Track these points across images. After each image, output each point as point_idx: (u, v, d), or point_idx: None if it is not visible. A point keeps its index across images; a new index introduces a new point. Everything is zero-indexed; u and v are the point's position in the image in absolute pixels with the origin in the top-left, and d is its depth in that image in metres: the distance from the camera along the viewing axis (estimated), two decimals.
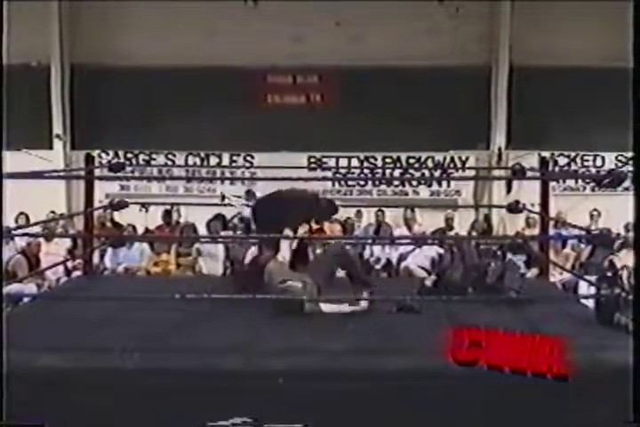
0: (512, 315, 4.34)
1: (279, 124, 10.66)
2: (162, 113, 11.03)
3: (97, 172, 6.77)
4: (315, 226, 5.17)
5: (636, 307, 3.15)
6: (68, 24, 11.12)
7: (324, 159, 11.21)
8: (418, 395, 3.34)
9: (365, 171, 11.26)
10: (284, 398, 3.35)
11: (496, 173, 11.14)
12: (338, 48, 10.87)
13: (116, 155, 11.13)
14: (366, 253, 9.62)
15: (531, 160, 9.46)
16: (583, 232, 7.74)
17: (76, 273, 8.21)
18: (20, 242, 8.75)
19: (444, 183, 11.15)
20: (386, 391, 3.36)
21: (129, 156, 11.21)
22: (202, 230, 9.56)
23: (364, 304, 4.18)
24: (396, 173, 11.36)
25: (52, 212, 10.23)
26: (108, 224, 9.84)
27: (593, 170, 11.08)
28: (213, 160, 11.18)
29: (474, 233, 10.07)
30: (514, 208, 6.27)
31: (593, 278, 8.27)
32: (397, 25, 10.88)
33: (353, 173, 11.28)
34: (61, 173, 10.01)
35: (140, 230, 9.88)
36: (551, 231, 8.17)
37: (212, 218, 9.51)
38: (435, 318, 4.23)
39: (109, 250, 9.03)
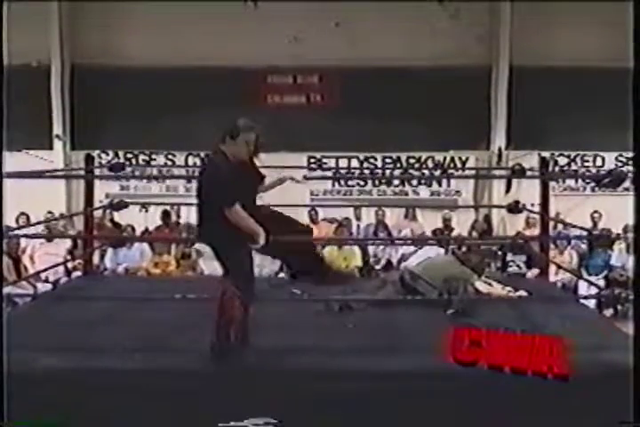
0: (514, 315, 4.35)
1: (279, 124, 10.63)
2: (162, 113, 11.01)
3: (97, 172, 6.78)
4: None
5: (636, 306, 3.15)
6: (68, 24, 11.10)
7: (324, 159, 11.21)
8: (418, 395, 3.34)
9: (365, 171, 11.26)
10: (284, 397, 3.35)
11: (496, 173, 11.14)
12: (338, 48, 10.86)
13: (116, 155, 11.12)
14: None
15: (531, 160, 9.45)
16: (584, 232, 7.77)
17: (76, 273, 8.21)
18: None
19: (444, 183, 11.15)
20: (386, 391, 3.36)
21: (129, 156, 11.20)
22: None
23: None
24: (396, 173, 11.36)
25: (50, 212, 10.22)
26: (108, 224, 9.83)
27: (593, 170, 11.07)
28: None
29: (474, 233, 10.07)
30: (514, 208, 6.28)
31: (593, 278, 8.33)
32: (397, 25, 10.87)
33: (353, 173, 11.28)
34: (61, 173, 10.01)
35: (140, 231, 9.87)
36: (552, 231, 8.18)
37: None
38: (435, 318, 4.23)
39: (109, 250, 9.03)
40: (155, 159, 11.23)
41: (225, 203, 3.50)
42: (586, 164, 11.25)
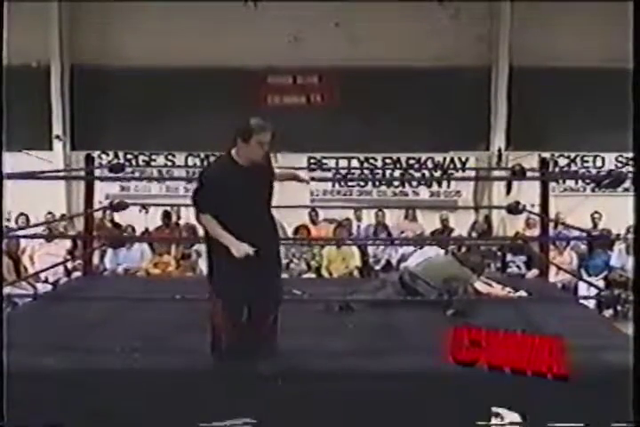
0: (514, 315, 4.35)
1: (279, 124, 10.55)
2: (162, 113, 11.00)
3: (97, 172, 6.78)
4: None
5: (635, 307, 3.15)
6: (68, 24, 11.09)
7: (324, 160, 11.21)
8: (418, 395, 3.34)
9: (365, 171, 11.26)
10: (284, 398, 3.35)
11: (496, 173, 11.14)
12: (338, 48, 10.85)
13: (116, 155, 11.12)
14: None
15: (531, 161, 9.44)
16: (583, 233, 7.76)
17: (76, 274, 8.21)
18: None
19: (444, 184, 11.14)
20: (386, 391, 3.36)
21: (129, 156, 11.19)
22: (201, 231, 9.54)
23: None
24: (396, 173, 11.36)
25: (50, 213, 10.22)
26: (109, 225, 9.82)
27: (593, 171, 11.07)
28: None
29: (474, 234, 10.07)
30: (514, 209, 6.28)
31: (593, 279, 8.33)
32: (397, 26, 10.86)
33: (353, 173, 11.29)
34: (61, 174, 10.00)
35: (140, 231, 9.87)
36: (552, 232, 8.17)
37: None
38: (435, 318, 4.23)
39: (109, 251, 9.02)
40: (155, 160, 11.23)
41: (198, 209, 3.45)
42: (586, 164, 11.25)
